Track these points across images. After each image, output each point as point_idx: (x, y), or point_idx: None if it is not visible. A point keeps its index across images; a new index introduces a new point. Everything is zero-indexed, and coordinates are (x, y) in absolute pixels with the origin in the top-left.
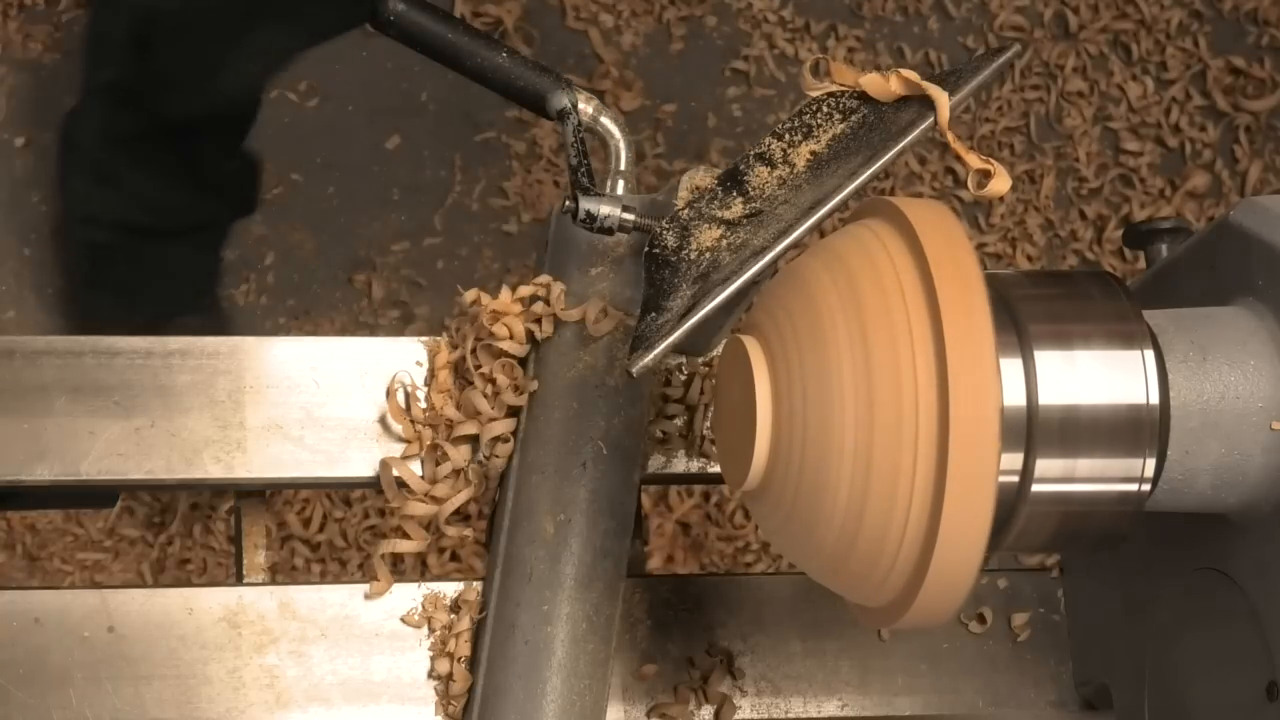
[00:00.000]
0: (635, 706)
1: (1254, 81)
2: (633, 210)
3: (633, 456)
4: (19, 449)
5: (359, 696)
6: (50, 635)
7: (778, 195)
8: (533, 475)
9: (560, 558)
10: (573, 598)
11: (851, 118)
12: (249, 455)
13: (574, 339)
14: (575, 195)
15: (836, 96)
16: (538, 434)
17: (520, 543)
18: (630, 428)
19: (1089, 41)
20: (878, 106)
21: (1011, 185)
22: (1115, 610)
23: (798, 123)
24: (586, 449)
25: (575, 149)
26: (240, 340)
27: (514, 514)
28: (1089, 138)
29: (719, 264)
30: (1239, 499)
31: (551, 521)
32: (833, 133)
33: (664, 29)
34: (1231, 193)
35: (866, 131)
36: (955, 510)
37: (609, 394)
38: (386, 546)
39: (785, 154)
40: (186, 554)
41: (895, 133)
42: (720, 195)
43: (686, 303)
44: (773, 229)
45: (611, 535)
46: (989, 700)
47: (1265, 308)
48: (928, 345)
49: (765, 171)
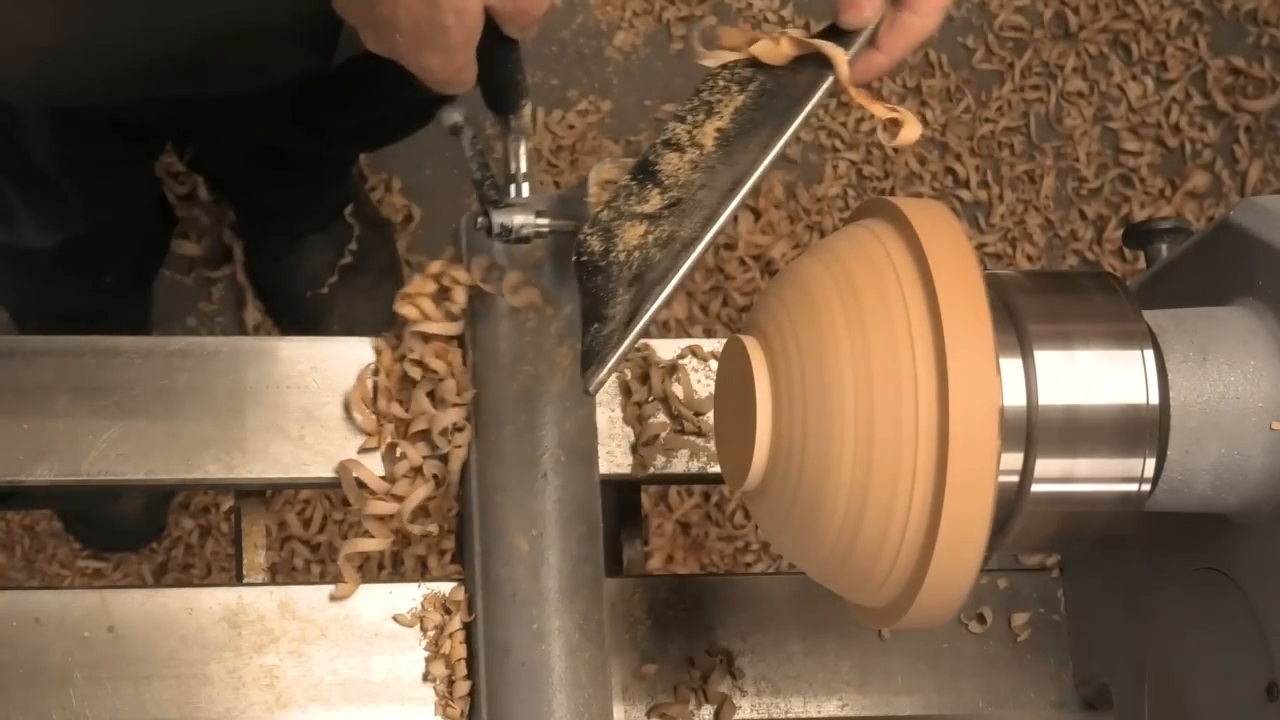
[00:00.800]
0: (635, 706)
1: (1254, 81)
2: (545, 214)
3: (589, 456)
4: (19, 449)
5: (359, 696)
6: (50, 635)
7: (693, 180)
8: (495, 495)
9: (540, 574)
10: (560, 611)
11: (750, 87)
12: (249, 455)
13: (510, 351)
14: (485, 210)
15: (731, 68)
16: (492, 452)
17: (496, 564)
18: (582, 429)
19: (1089, 41)
20: (774, 72)
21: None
22: (1115, 610)
23: (697, 101)
24: (544, 459)
25: (477, 162)
26: (240, 340)
27: (484, 536)
28: (1089, 138)
29: (651, 262)
30: (1239, 499)
31: (524, 539)
32: (734, 105)
33: (664, 29)
34: (1231, 193)
35: (768, 99)
36: (955, 510)
37: (555, 400)
38: (350, 547)
39: (691, 136)
40: (190, 559)
41: (798, 97)
42: (635, 189)
43: (628, 308)
44: (697, 217)
45: (585, 539)
46: (989, 700)
47: (1265, 308)
48: (928, 345)
49: (675, 157)
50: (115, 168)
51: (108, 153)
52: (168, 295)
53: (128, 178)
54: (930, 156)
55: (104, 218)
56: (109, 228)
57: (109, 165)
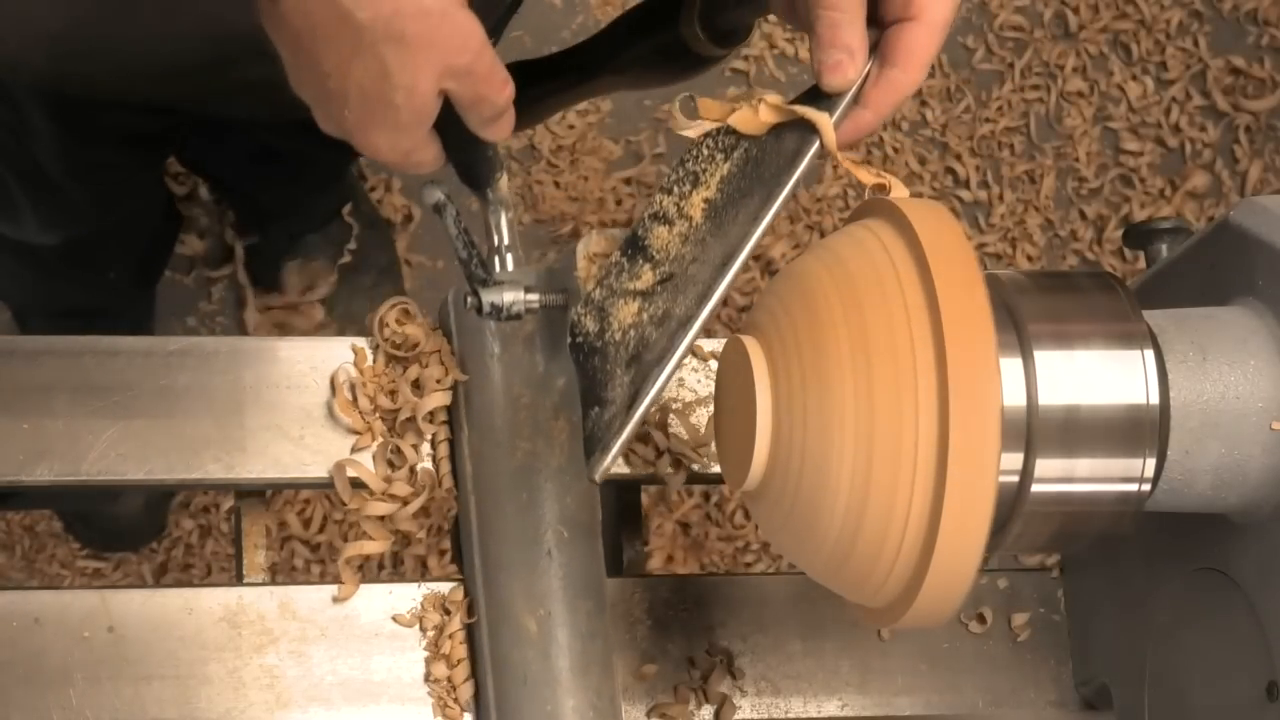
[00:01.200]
0: (635, 706)
1: (1254, 81)
2: (534, 289)
3: (593, 530)
4: (19, 449)
5: (359, 696)
6: (50, 635)
7: (684, 254)
8: (500, 574)
9: (550, 653)
10: (572, 690)
11: (734, 154)
12: (249, 455)
13: (506, 427)
14: (474, 289)
15: (714, 136)
16: (494, 530)
17: (506, 646)
18: (584, 502)
19: (1089, 41)
20: (758, 138)
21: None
22: (1115, 610)
23: (683, 172)
24: (547, 537)
25: (462, 240)
26: (240, 340)
27: (490, 616)
28: (1089, 138)
29: (648, 341)
30: (1239, 499)
31: (532, 619)
32: (720, 174)
33: None
34: (1231, 193)
35: (754, 167)
36: (955, 510)
37: (555, 475)
38: (350, 550)
39: (680, 208)
40: (190, 559)
41: (785, 163)
42: (626, 265)
43: (628, 391)
44: (691, 293)
45: (593, 615)
46: (989, 700)
47: (1265, 308)
48: (928, 345)
49: (664, 231)
50: (122, 172)
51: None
52: (168, 295)
53: (134, 181)
54: (930, 156)
55: (109, 219)
56: (114, 228)
57: (116, 170)
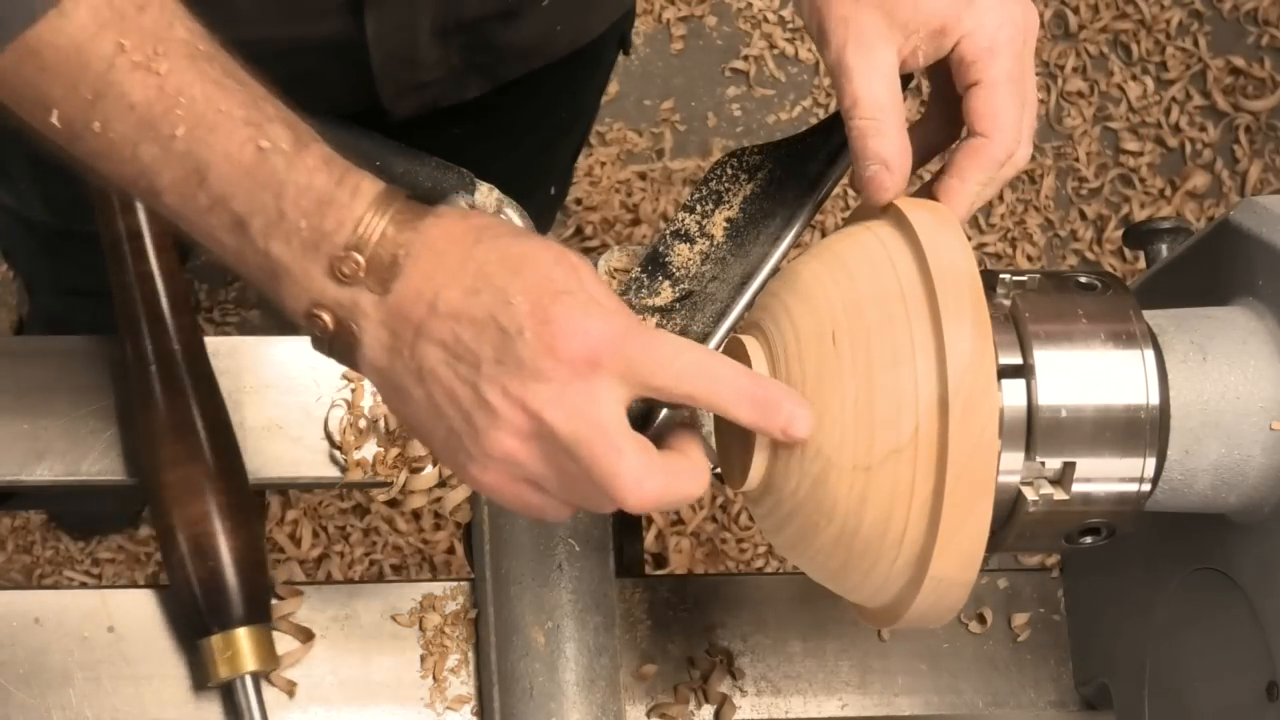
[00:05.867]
0: (635, 706)
1: (1254, 81)
2: None
3: (604, 544)
4: (19, 449)
5: (359, 696)
6: (50, 635)
7: (704, 272)
8: (510, 587)
9: (557, 666)
10: (578, 704)
11: (758, 175)
12: (249, 455)
13: None
14: None
15: (738, 156)
16: (506, 544)
17: (513, 659)
18: (595, 517)
19: (1089, 41)
20: (782, 159)
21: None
22: (1115, 610)
23: (706, 191)
24: (559, 550)
25: None
26: (240, 340)
27: (499, 628)
28: (1089, 138)
29: None
30: (1239, 499)
31: (540, 631)
32: (743, 195)
33: (664, 29)
34: (1231, 193)
35: (777, 189)
36: (955, 510)
37: None
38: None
39: (701, 226)
40: None
41: (808, 187)
42: (646, 281)
43: (643, 406)
44: (709, 311)
45: (602, 630)
46: (989, 700)
47: (1265, 308)
48: (928, 345)
49: (685, 249)
50: None
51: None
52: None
53: None
54: None
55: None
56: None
57: None
